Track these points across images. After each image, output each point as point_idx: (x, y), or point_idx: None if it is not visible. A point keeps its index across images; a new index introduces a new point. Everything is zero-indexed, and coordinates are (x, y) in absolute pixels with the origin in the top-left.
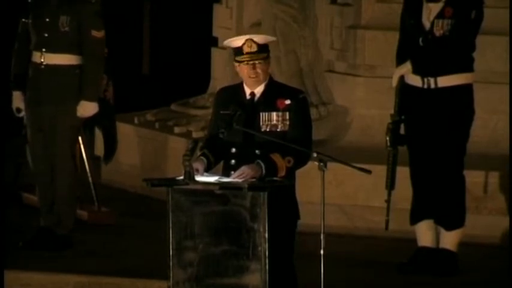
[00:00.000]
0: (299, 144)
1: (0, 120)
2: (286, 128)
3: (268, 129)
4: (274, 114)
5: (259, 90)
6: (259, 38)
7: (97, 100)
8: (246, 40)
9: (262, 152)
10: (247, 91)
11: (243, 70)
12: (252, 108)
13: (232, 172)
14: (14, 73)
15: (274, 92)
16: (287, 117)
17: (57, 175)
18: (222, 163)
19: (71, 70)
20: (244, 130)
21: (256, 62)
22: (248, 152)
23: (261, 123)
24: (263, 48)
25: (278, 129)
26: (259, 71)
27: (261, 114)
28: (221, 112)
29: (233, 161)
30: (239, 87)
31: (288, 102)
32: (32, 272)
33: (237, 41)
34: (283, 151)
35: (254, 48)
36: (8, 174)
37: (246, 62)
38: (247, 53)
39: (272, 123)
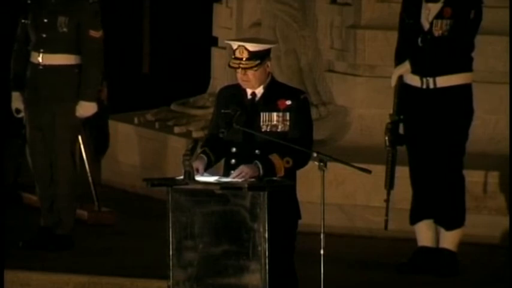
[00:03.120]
0: (299, 144)
1: (0, 120)
2: (287, 128)
3: (268, 130)
4: (274, 114)
5: (259, 90)
6: (253, 46)
7: (96, 100)
8: (239, 46)
9: (262, 152)
10: (248, 91)
11: (237, 73)
12: (253, 108)
13: (232, 172)
14: (13, 73)
15: (275, 92)
16: (287, 117)
17: (57, 174)
18: (223, 163)
19: (69, 70)
20: (244, 130)
21: (246, 69)
22: (248, 152)
23: (261, 124)
24: (255, 55)
25: (278, 130)
26: (250, 76)
27: (261, 114)
28: (222, 111)
29: (233, 161)
30: (240, 86)
31: (288, 102)
32: (32, 272)
33: (233, 44)
34: (283, 152)
35: (245, 55)
36: (8, 174)
37: (236, 68)
38: (238, 59)
39: (272, 123)
